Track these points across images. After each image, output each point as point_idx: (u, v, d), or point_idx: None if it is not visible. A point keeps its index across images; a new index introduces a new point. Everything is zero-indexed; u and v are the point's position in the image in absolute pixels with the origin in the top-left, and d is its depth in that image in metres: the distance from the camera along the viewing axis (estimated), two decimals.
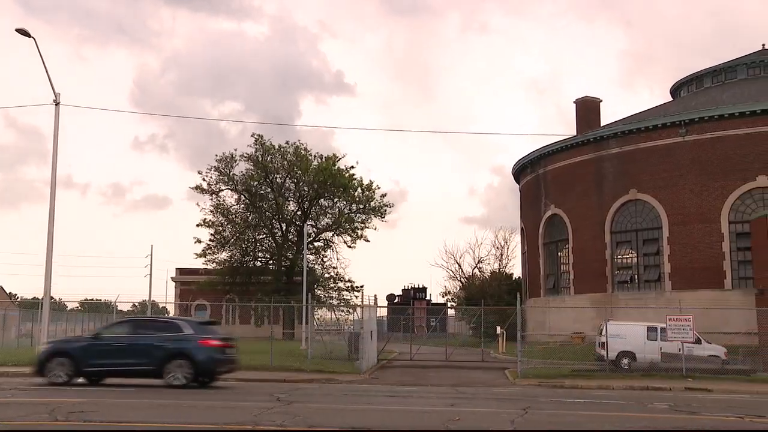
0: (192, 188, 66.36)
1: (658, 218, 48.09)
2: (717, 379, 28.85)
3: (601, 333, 33.64)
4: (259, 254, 69.39)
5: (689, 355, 30.92)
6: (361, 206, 66.85)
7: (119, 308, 53.39)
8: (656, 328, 33.34)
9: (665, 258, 47.47)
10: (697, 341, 32.63)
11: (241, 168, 65.37)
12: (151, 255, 78.55)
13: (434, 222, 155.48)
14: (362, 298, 39.35)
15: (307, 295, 43.55)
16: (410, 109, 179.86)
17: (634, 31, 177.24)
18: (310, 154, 65.34)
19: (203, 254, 65.83)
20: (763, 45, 58.60)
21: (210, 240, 65.94)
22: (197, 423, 14.35)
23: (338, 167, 64.92)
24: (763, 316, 35.34)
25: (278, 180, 65.78)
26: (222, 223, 66.55)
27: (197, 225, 65.84)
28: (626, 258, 50.50)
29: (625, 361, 32.99)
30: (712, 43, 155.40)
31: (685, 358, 30.29)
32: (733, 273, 44.76)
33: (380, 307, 48.26)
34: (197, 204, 67.75)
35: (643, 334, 33.79)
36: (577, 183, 52.98)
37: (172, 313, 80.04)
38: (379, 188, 67.32)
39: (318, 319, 52.91)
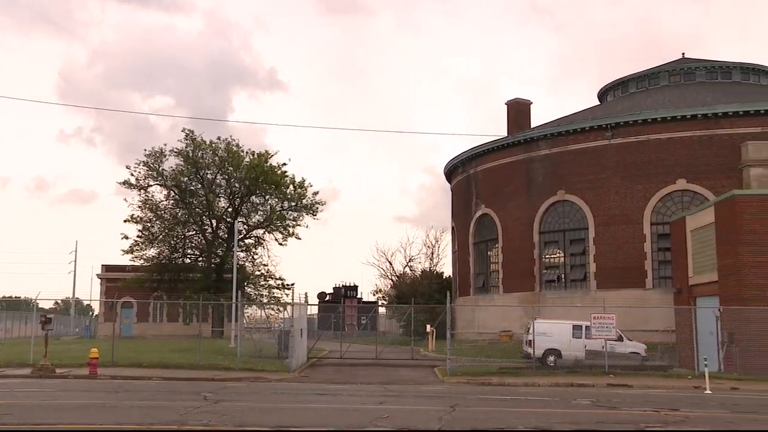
0: (120, 183, 65.38)
1: (585, 219, 49.02)
2: (637, 375, 29.79)
3: (528, 331, 34.26)
4: (189, 251, 68.36)
5: (612, 353, 31.85)
6: (293, 204, 66.54)
7: (40, 306, 52.32)
8: (581, 326, 34.02)
9: (591, 258, 48.42)
10: (620, 339, 33.59)
11: (171, 163, 64.30)
12: (76, 251, 77.23)
13: (366, 221, 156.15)
14: (293, 296, 39.39)
15: (237, 292, 43.37)
16: (344, 107, 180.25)
17: (564, 37, 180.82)
18: (242, 151, 64.76)
19: (130, 250, 64.65)
20: (683, 54, 60.75)
21: (138, 236, 64.90)
22: (122, 423, 14.23)
23: (270, 164, 64.41)
24: (680, 314, 36.45)
25: (209, 176, 65.05)
26: (150, 219, 65.31)
27: (125, 221, 64.56)
28: (554, 258, 51.41)
29: (551, 358, 33.75)
30: (637, 50, 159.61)
31: (608, 355, 31.23)
32: (654, 273, 45.91)
33: (311, 305, 48.32)
34: (125, 199, 66.62)
35: (569, 332, 34.54)
36: (507, 183, 53.68)
37: (97, 311, 78.79)
38: (311, 186, 67.23)
39: (248, 317, 52.80)
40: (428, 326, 46.97)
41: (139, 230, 64.84)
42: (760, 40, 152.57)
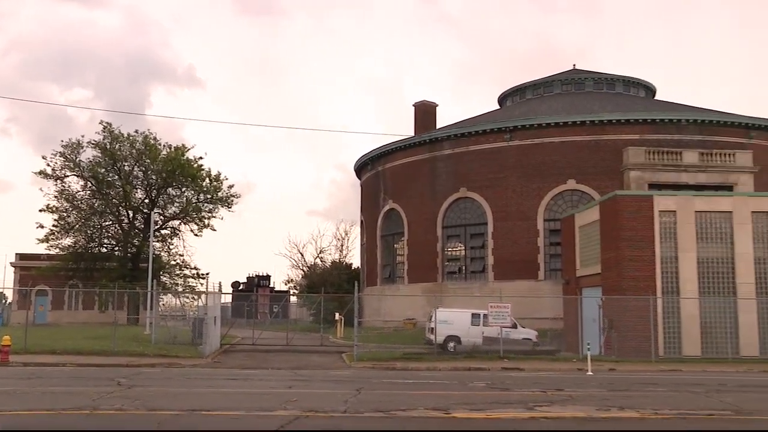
0: (35, 173, 63.59)
1: (484, 215, 50.00)
2: (529, 359, 30.61)
3: (430, 319, 34.74)
4: (105, 241, 66.70)
5: (507, 339, 32.39)
6: (209, 196, 65.70)
7: None
8: (479, 314, 34.78)
9: (489, 251, 49.44)
10: (514, 326, 34.31)
11: (88, 155, 62.91)
12: None
13: (279, 214, 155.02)
14: (207, 285, 39.18)
15: (152, 281, 42.89)
16: (259, 105, 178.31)
17: (468, 46, 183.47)
18: (160, 144, 63.67)
19: (46, 240, 62.80)
20: (574, 65, 62.79)
21: (54, 226, 63.22)
22: (33, 409, 13.86)
23: (187, 158, 63.46)
24: (568, 303, 37.44)
25: (126, 168, 63.64)
26: (67, 209, 63.81)
27: (40, 210, 62.76)
28: (455, 251, 52.19)
29: (452, 344, 34.41)
30: (533, 60, 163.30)
31: (503, 341, 31.72)
32: (546, 265, 47.32)
33: (225, 293, 48.07)
34: (41, 189, 64.74)
35: (468, 320, 35.30)
36: (413, 180, 54.30)
37: (10, 299, 76.24)
38: (226, 179, 66.45)
39: (163, 305, 52.02)
40: (337, 314, 47.19)
41: (54, 220, 63.10)
42: (640, 56, 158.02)
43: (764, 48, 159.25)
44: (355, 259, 73.19)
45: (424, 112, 62.16)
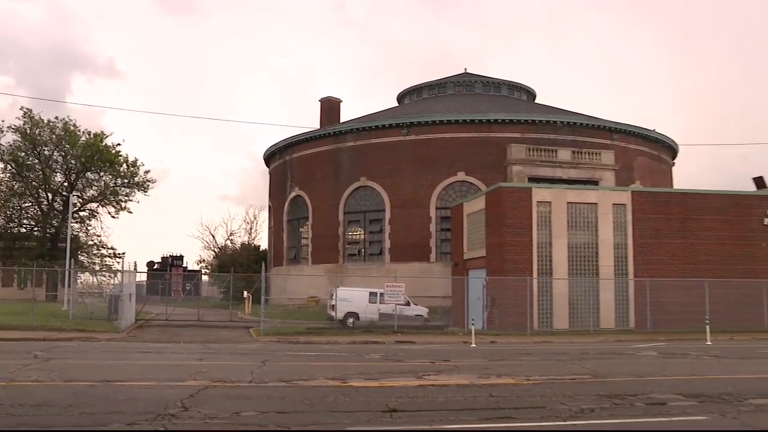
0: None
1: (383, 202, 50.39)
2: (420, 333, 31.07)
3: (332, 297, 34.90)
4: (25, 221, 64.48)
5: (401, 315, 32.92)
6: (126, 181, 64.05)
7: None
8: (376, 293, 34.88)
9: (387, 235, 49.93)
10: (407, 303, 34.77)
11: (8, 139, 60.54)
12: None
13: (193, 198, 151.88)
14: (123, 264, 38.38)
15: (70, 260, 41.61)
16: (176, 97, 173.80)
17: (370, 47, 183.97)
18: (79, 130, 61.80)
19: None
20: (465, 69, 63.80)
21: None
22: None
23: (105, 144, 61.80)
24: (456, 283, 37.99)
25: (46, 152, 61.28)
26: None
27: None
28: (355, 234, 52.40)
29: (351, 320, 34.55)
30: (429, 62, 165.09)
31: (397, 317, 32.24)
32: (437, 249, 48.10)
33: (140, 272, 47.14)
34: None
35: (366, 298, 35.44)
36: (318, 170, 54.17)
37: None
38: (143, 165, 64.93)
39: (81, 283, 50.51)
40: (245, 292, 46.82)
41: None
42: (523, 63, 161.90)
43: (626, 60, 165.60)
44: (263, 242, 72.81)
45: (329, 107, 62.12)
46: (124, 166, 63.59)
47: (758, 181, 41.44)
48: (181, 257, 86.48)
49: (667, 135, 56.58)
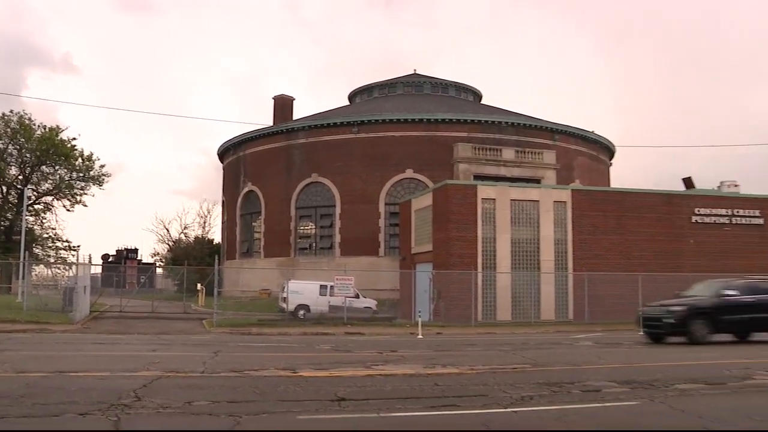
0: None
1: (333, 198, 50.26)
2: (369, 324, 31.09)
3: (283, 290, 34.68)
4: None
5: (350, 307, 32.85)
6: (81, 174, 62.89)
7: None
8: (327, 285, 34.87)
9: (337, 230, 49.83)
10: (357, 296, 34.80)
11: None
12: None
13: (148, 193, 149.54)
14: (78, 257, 37.68)
15: (24, 253, 40.66)
16: (132, 93, 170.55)
17: (323, 47, 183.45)
18: (34, 124, 60.50)
19: None
20: (415, 70, 64.03)
21: None
22: None
23: (61, 138, 60.61)
24: (403, 276, 38.18)
25: (0, 146, 59.99)
26: None
27: None
28: (307, 229, 52.17)
29: (302, 312, 34.40)
30: (380, 63, 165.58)
31: (347, 309, 32.15)
32: (386, 243, 48.22)
33: (95, 265, 46.23)
34: None
35: (317, 290, 35.40)
36: (270, 165, 53.77)
37: None
38: (98, 159, 63.69)
39: (36, 275, 49.47)
40: (199, 285, 46.46)
41: None
42: (470, 65, 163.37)
43: (568, 64, 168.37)
44: (216, 235, 72.17)
45: (282, 105, 61.84)
46: (80, 160, 62.40)
47: (687, 181, 42.60)
48: (135, 250, 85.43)
49: (605, 137, 57.79)
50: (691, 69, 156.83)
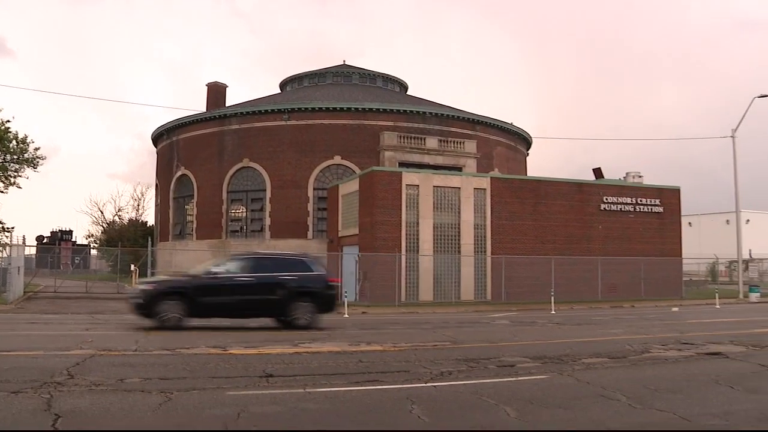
0: None
1: (264, 182, 49.66)
2: None
3: None
4: None
5: None
6: (15, 157, 60.35)
7: None
8: None
9: (267, 213, 49.30)
10: None
11: None
12: None
13: (83, 175, 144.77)
14: (11, 238, 36.42)
15: None
16: (68, 77, 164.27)
17: (257, 37, 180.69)
18: None
19: None
20: (344, 61, 63.66)
21: None
22: None
23: None
24: (331, 258, 37.80)
25: None
26: None
27: None
28: (238, 212, 51.47)
29: None
30: (311, 53, 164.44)
31: None
32: (314, 227, 48.01)
33: (29, 246, 44.66)
34: None
35: None
36: (203, 150, 52.79)
37: None
38: (33, 142, 60.96)
39: None
40: (133, 266, 45.44)
41: None
42: (397, 57, 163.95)
43: (490, 59, 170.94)
44: (150, 218, 70.58)
45: (216, 91, 60.63)
46: (14, 142, 59.71)
47: (597, 171, 43.95)
48: (70, 232, 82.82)
49: (523, 128, 58.94)
50: (600, 67, 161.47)
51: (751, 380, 11.32)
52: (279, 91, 64.76)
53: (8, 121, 61.15)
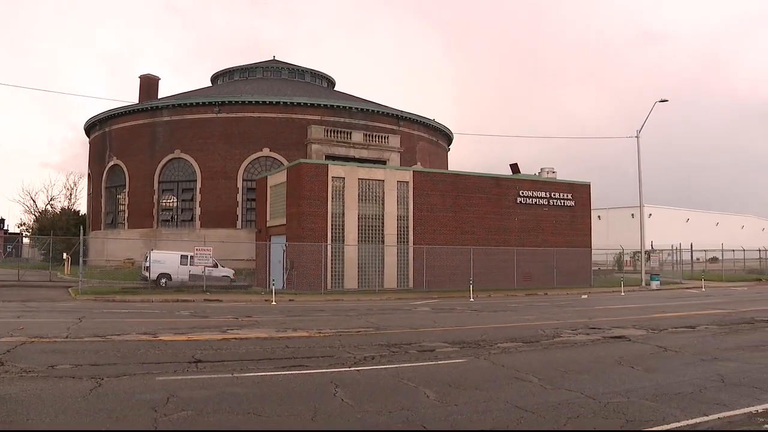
0: None
1: (195, 173, 48.79)
2: (227, 292, 30.88)
3: (146, 259, 33.60)
4: None
5: (209, 276, 32.51)
6: None
7: None
8: (187, 255, 34.05)
9: (198, 204, 48.46)
10: (215, 266, 34.37)
11: None
12: None
13: (15, 165, 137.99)
14: None
15: None
16: (1, 65, 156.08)
17: (190, 31, 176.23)
18: None
19: None
20: (274, 56, 63.20)
21: None
22: None
23: None
24: (259, 248, 37.90)
25: None
26: None
27: None
28: (169, 202, 50.36)
29: (164, 280, 33.38)
30: (242, 48, 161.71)
31: (206, 278, 31.85)
32: (243, 217, 47.48)
33: None
34: None
35: (178, 260, 34.34)
36: (135, 141, 51.34)
37: None
38: None
39: None
40: (65, 254, 44.01)
41: None
42: (325, 54, 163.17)
43: (414, 59, 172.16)
44: (82, 207, 68.26)
45: (148, 84, 59.02)
46: None
47: (513, 167, 44.90)
48: (2, 221, 78.84)
49: (445, 125, 59.74)
50: (520, 69, 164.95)
51: (649, 360, 11.94)
52: (210, 85, 63.49)
53: None
